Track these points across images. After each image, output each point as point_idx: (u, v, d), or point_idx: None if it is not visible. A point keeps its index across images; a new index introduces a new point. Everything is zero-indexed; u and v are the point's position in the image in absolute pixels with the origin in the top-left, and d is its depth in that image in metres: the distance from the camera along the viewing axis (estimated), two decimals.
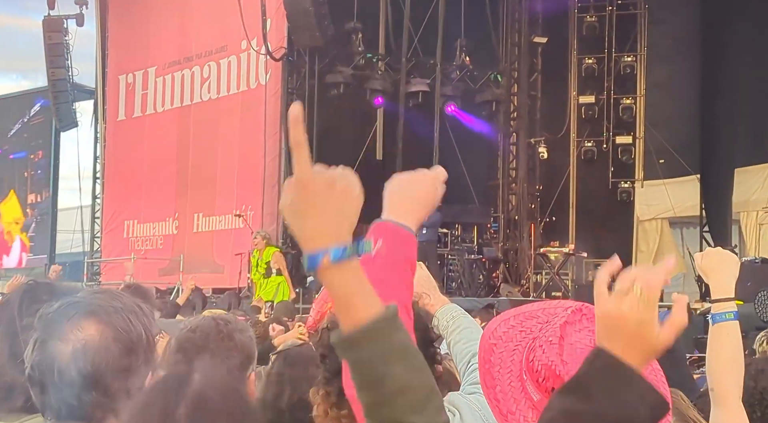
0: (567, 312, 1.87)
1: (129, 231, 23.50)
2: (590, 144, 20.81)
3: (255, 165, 19.92)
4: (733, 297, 2.85)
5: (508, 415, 1.82)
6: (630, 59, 20.74)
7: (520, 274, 20.55)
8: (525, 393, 1.83)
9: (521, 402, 1.82)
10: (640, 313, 1.62)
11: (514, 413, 1.81)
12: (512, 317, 1.98)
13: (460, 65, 21.28)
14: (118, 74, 24.34)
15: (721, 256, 2.92)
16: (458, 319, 3.07)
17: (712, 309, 2.84)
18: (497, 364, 1.89)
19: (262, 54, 19.53)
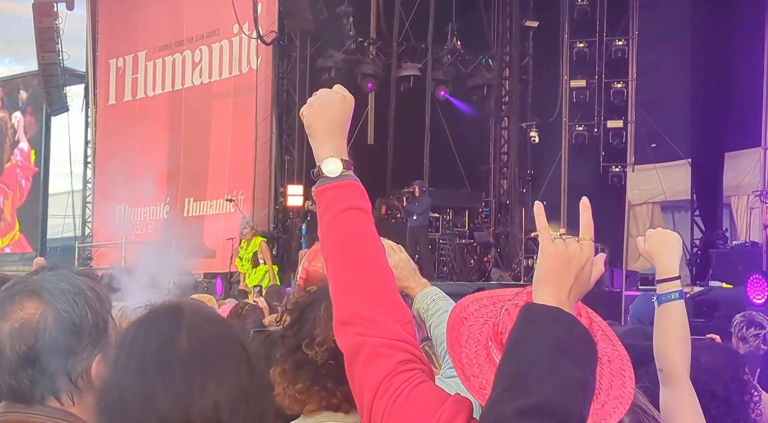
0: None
1: (120, 216, 23.45)
2: (581, 128, 20.81)
3: (246, 150, 19.89)
4: (677, 275, 2.85)
5: (471, 378, 1.87)
6: (621, 43, 20.72)
7: (511, 258, 20.59)
8: (489, 358, 1.89)
9: (485, 367, 1.88)
10: (584, 253, 1.95)
11: (477, 376, 1.87)
12: (485, 298, 2.05)
13: (452, 49, 21.26)
14: (109, 58, 24.25)
15: (663, 237, 2.93)
16: (438, 302, 3.06)
17: (657, 289, 2.84)
18: (465, 335, 1.95)
19: (253, 38, 19.47)
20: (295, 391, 2.38)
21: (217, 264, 19.91)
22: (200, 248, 20.90)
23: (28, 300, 2.09)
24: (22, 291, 2.10)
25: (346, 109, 2.28)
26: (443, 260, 19.37)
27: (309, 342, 2.38)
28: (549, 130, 21.39)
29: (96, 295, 2.17)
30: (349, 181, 2.11)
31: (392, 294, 2.01)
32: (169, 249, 8.91)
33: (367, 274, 1.99)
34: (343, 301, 1.98)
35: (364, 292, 1.97)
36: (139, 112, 23.31)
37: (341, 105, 2.28)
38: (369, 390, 1.89)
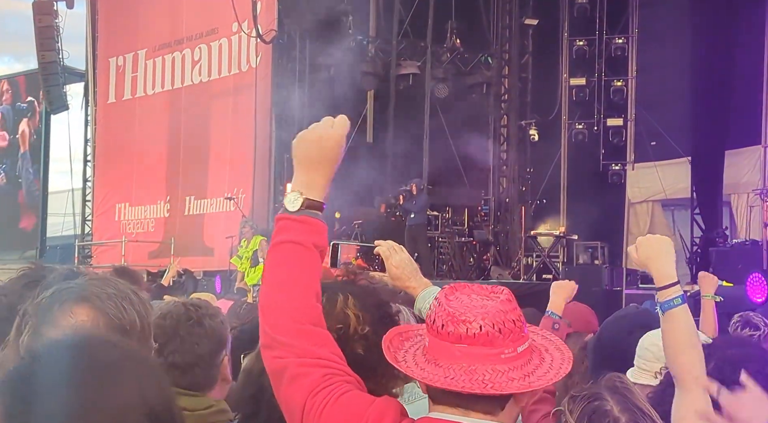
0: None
1: (120, 214, 23.47)
2: (581, 126, 20.78)
3: (246, 148, 19.89)
4: (676, 281, 2.84)
5: (402, 361, 2.03)
6: (621, 41, 20.68)
7: (511, 256, 20.58)
8: (423, 347, 2.04)
9: (418, 353, 2.04)
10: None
11: (409, 361, 2.03)
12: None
13: (451, 47, 21.27)
14: (108, 57, 24.26)
15: (655, 243, 2.92)
16: None
17: (659, 297, 2.80)
18: (413, 339, 2.13)
19: (253, 37, 19.46)
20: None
21: (215, 262, 19.90)
22: (200, 246, 20.93)
23: (77, 306, 2.06)
24: (71, 297, 2.07)
25: (330, 145, 2.30)
26: (443, 258, 19.37)
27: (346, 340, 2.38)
28: (548, 128, 21.38)
29: (139, 299, 2.15)
30: (304, 218, 2.18)
31: (308, 322, 2.10)
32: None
33: (287, 302, 2.10)
34: (264, 324, 2.11)
35: (281, 317, 2.09)
36: (138, 111, 23.31)
37: (326, 141, 2.30)
38: (297, 408, 2.02)
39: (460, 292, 2.01)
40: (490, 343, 1.92)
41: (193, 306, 3.18)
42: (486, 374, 1.91)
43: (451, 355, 1.93)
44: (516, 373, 1.94)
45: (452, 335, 1.93)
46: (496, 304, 1.96)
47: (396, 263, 3.04)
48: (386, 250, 3.04)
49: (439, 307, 1.98)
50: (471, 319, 1.92)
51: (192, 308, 3.15)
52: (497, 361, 1.92)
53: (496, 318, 1.93)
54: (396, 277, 3.03)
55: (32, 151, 28.00)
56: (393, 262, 3.05)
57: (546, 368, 1.99)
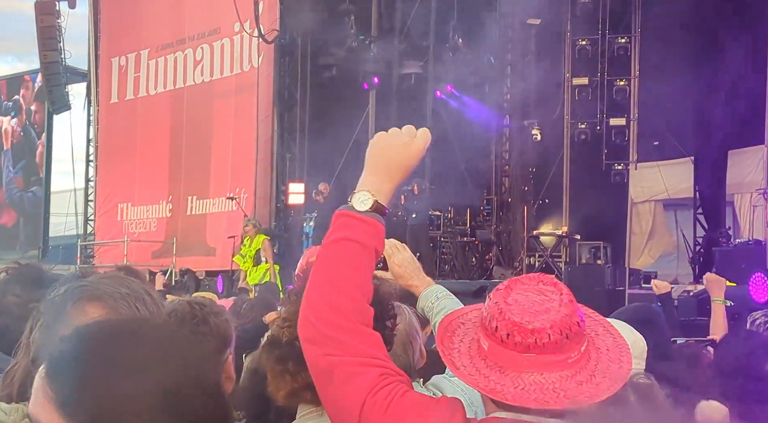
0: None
1: (122, 214, 23.47)
2: (584, 126, 20.74)
3: (248, 148, 19.88)
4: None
5: (461, 368, 1.95)
6: (624, 41, 20.65)
7: (513, 256, 20.57)
8: (480, 349, 1.96)
9: (476, 357, 1.95)
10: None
11: (468, 366, 1.94)
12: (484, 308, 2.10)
13: (454, 47, 21.22)
14: (111, 57, 24.26)
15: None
16: (443, 300, 3.04)
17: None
18: (460, 335, 2.04)
19: (255, 36, 19.45)
20: (307, 379, 2.36)
21: (217, 262, 19.90)
22: (202, 246, 20.92)
23: (90, 305, 2.05)
24: (84, 296, 2.07)
25: (406, 154, 2.28)
26: (445, 258, 19.36)
27: (281, 321, 2.39)
28: (551, 127, 21.35)
29: (152, 299, 2.14)
30: (370, 219, 2.16)
31: (362, 323, 2.06)
32: None
33: (343, 300, 2.05)
34: (314, 318, 2.05)
35: (335, 315, 2.04)
36: (141, 111, 23.31)
37: (402, 149, 2.29)
38: (353, 407, 1.96)
39: (515, 292, 1.95)
40: (558, 350, 1.88)
41: (198, 304, 3.17)
42: (556, 382, 1.87)
43: (518, 364, 1.89)
44: (583, 375, 1.90)
45: (520, 346, 1.88)
46: (560, 308, 1.91)
47: (398, 262, 3.03)
48: (388, 248, 3.02)
49: (500, 314, 1.91)
50: (539, 328, 1.87)
51: (197, 306, 3.14)
52: (565, 366, 1.89)
53: (563, 324, 1.89)
54: (398, 276, 3.01)
55: (15, 149, 28.11)
56: (395, 261, 3.04)
57: (605, 361, 1.95)
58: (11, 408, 2.44)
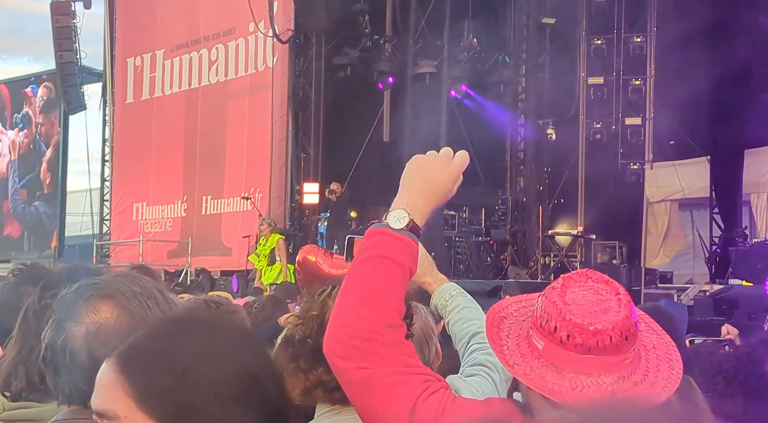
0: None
1: (138, 213, 23.55)
2: (599, 125, 20.66)
3: (263, 147, 19.91)
4: None
5: (515, 365, 1.93)
6: (640, 40, 20.58)
7: (528, 256, 20.51)
8: (531, 346, 1.94)
9: (528, 355, 1.93)
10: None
11: (520, 364, 1.92)
12: (524, 299, 2.10)
13: (468, 46, 21.20)
14: (126, 57, 24.33)
15: None
16: (456, 298, 3.02)
17: None
18: (506, 330, 2.01)
19: (269, 36, 19.47)
20: (319, 376, 2.35)
21: (233, 261, 19.93)
22: (217, 246, 20.96)
23: (102, 303, 2.04)
24: (95, 294, 2.06)
25: (444, 176, 2.24)
26: (459, 258, 19.31)
27: (297, 319, 2.38)
28: (566, 127, 21.28)
29: (164, 298, 2.14)
30: (404, 237, 2.12)
31: (397, 337, 2.05)
32: None
33: (379, 317, 2.02)
34: (345, 334, 2.02)
35: (368, 327, 2.01)
36: (156, 111, 23.38)
37: (440, 171, 2.24)
38: (401, 414, 1.95)
39: (571, 290, 1.92)
40: (617, 351, 1.87)
41: (214, 302, 3.18)
42: (613, 384, 1.86)
43: (577, 365, 1.87)
44: (638, 376, 1.89)
45: (581, 347, 1.86)
46: (621, 309, 1.89)
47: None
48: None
49: (559, 314, 1.88)
50: (600, 329, 1.85)
51: (213, 305, 3.14)
52: (622, 367, 1.88)
53: (624, 325, 1.87)
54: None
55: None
56: None
57: (655, 360, 1.94)
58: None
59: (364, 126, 19.70)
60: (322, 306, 2.35)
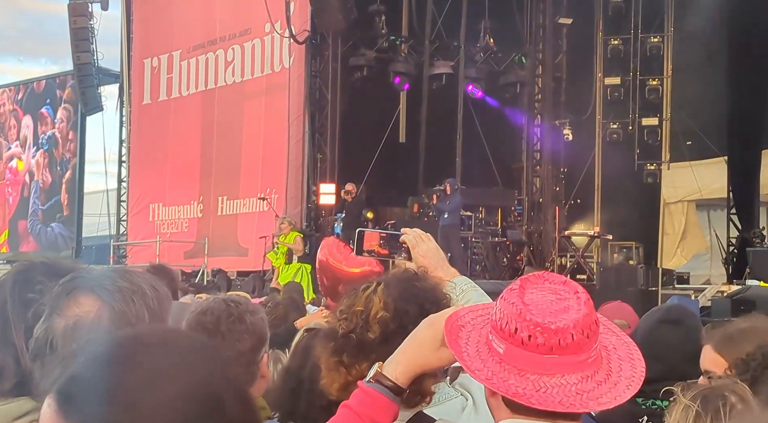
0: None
1: (154, 214, 23.62)
2: (616, 126, 20.63)
3: (279, 148, 19.93)
4: None
5: (476, 371, 1.90)
6: (656, 40, 20.53)
7: (545, 256, 20.47)
8: (491, 351, 1.91)
9: (488, 360, 1.90)
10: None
11: (482, 369, 1.89)
12: (480, 309, 2.08)
13: (484, 47, 21.19)
14: (143, 58, 24.41)
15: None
16: (468, 292, 2.99)
17: None
18: (464, 338, 1.99)
19: (286, 37, 19.50)
20: (361, 372, 2.35)
21: (249, 262, 19.96)
22: (234, 246, 21.00)
23: (84, 296, 2.05)
24: (79, 287, 2.06)
25: (432, 354, 2.10)
26: (476, 258, 19.30)
27: (339, 313, 2.37)
28: (583, 127, 21.25)
29: (156, 295, 2.12)
30: (369, 389, 2.08)
31: None
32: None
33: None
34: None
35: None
36: (173, 112, 23.45)
37: (423, 329, 2.13)
38: None
39: (530, 291, 1.91)
40: (579, 350, 1.85)
41: (234, 302, 3.17)
42: (577, 383, 1.84)
43: (539, 366, 1.85)
44: (601, 375, 1.88)
45: (542, 347, 1.83)
46: (581, 307, 1.87)
47: (423, 252, 2.98)
48: (413, 238, 2.99)
49: (519, 315, 1.86)
50: (562, 327, 1.83)
51: (233, 304, 3.14)
52: (585, 367, 1.86)
53: (585, 323, 1.85)
54: (422, 267, 2.98)
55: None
56: (420, 251, 2.99)
57: (616, 360, 1.94)
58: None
59: (381, 127, 19.70)
60: (367, 301, 2.34)
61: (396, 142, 20.39)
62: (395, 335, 2.24)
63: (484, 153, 20.30)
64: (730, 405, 2.53)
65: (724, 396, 2.55)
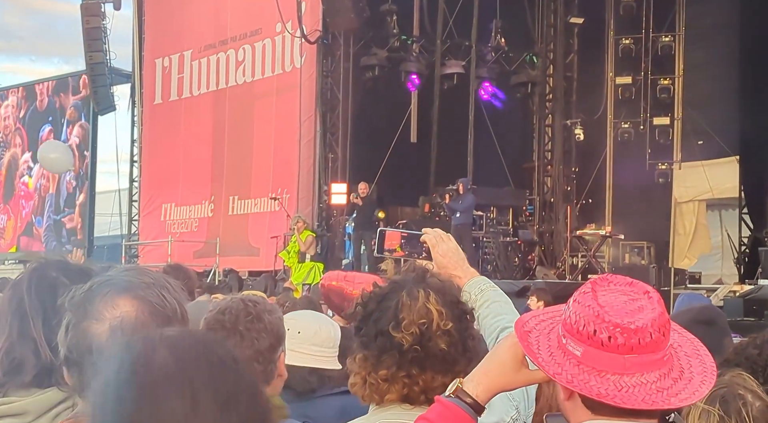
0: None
1: (166, 214, 23.67)
2: (627, 125, 20.61)
3: (290, 148, 19.96)
4: None
5: (556, 375, 1.91)
6: (668, 39, 20.49)
7: (556, 256, 20.46)
8: (567, 354, 1.92)
9: (565, 364, 1.91)
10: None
11: (561, 373, 1.90)
12: (542, 313, 2.09)
13: (496, 47, 21.19)
14: (155, 58, 24.47)
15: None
16: (486, 292, 3.00)
17: None
18: (534, 344, 1.99)
19: (297, 37, 19.53)
20: (378, 377, 2.36)
21: (261, 262, 20.00)
22: (245, 246, 21.03)
23: (119, 297, 2.04)
24: (112, 289, 2.06)
25: (504, 352, 2.11)
26: (487, 258, 19.29)
27: (395, 325, 2.37)
28: (594, 127, 21.23)
29: (173, 287, 2.14)
30: (448, 402, 2.08)
31: None
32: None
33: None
34: None
35: None
36: (184, 111, 23.50)
37: (502, 346, 2.13)
38: None
39: (602, 293, 1.92)
40: (656, 348, 1.86)
41: (251, 302, 3.19)
42: (656, 381, 1.86)
43: (620, 366, 1.86)
44: (675, 372, 1.90)
45: (623, 347, 1.85)
46: (655, 305, 1.89)
47: (443, 252, 3.00)
48: (433, 238, 3.00)
49: (597, 317, 1.87)
50: (641, 327, 1.85)
51: (251, 304, 3.16)
52: (661, 364, 1.88)
53: (661, 321, 1.87)
54: (442, 266, 2.99)
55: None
56: (439, 251, 3.00)
57: (684, 356, 1.95)
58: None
59: (392, 126, 19.71)
60: (426, 312, 2.37)
61: (407, 141, 20.40)
62: (458, 342, 2.31)
63: (495, 153, 20.29)
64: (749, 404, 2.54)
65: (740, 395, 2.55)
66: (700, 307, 4.15)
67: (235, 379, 1.57)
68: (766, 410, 2.52)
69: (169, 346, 1.58)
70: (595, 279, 1.97)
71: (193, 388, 1.52)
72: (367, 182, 18.20)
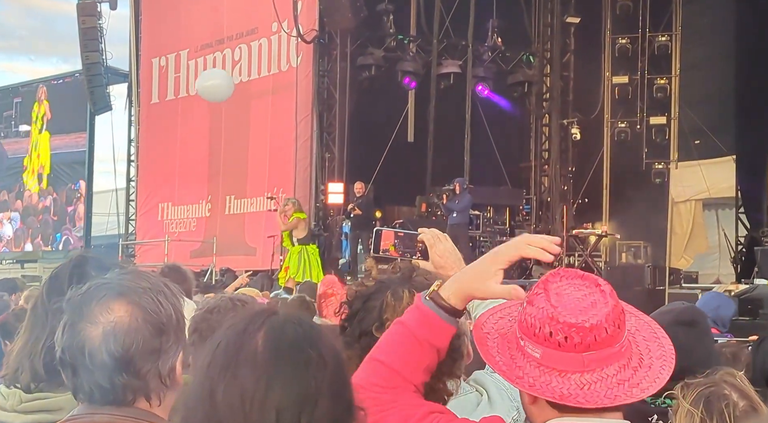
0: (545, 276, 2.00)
1: (163, 213, 23.65)
2: (624, 125, 20.62)
3: (287, 147, 19.95)
4: None
5: (517, 379, 1.92)
6: (664, 39, 20.51)
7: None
8: (527, 357, 1.93)
9: (526, 366, 1.92)
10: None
11: (522, 377, 1.91)
12: (500, 309, 2.12)
13: (492, 46, 21.20)
14: (151, 57, 24.44)
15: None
16: None
17: None
18: (494, 348, 2.01)
19: (294, 36, 19.50)
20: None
21: (257, 261, 19.98)
22: (242, 246, 21.01)
23: (114, 302, 2.06)
24: (108, 293, 2.08)
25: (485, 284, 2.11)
26: None
27: (379, 325, 2.38)
28: (591, 126, 21.24)
29: (171, 292, 2.16)
30: (423, 306, 2.12)
31: (399, 394, 2.10)
32: None
33: (381, 372, 2.10)
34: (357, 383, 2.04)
35: (376, 380, 2.09)
36: (181, 111, 23.46)
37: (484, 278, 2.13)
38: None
39: (554, 292, 1.91)
40: (613, 341, 1.87)
41: (240, 300, 3.19)
42: (617, 373, 1.87)
43: (579, 364, 1.87)
44: (635, 361, 1.90)
45: (580, 346, 1.85)
46: (608, 299, 1.89)
47: (440, 252, 2.99)
48: (430, 238, 3.01)
49: (550, 318, 1.87)
50: (595, 324, 1.85)
51: (239, 303, 3.16)
52: (620, 356, 1.88)
53: (615, 315, 1.87)
54: (439, 266, 2.98)
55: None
56: (436, 251, 3.00)
57: (642, 341, 1.96)
58: (9, 393, 2.49)
59: (389, 126, 19.71)
60: None
61: (404, 141, 20.40)
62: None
63: (492, 152, 20.30)
64: (732, 404, 2.53)
65: (725, 395, 2.55)
66: (682, 308, 4.16)
67: (316, 384, 1.67)
68: (751, 411, 2.52)
69: (267, 332, 1.71)
70: (546, 276, 1.97)
71: (269, 380, 1.65)
72: (363, 182, 18.20)
